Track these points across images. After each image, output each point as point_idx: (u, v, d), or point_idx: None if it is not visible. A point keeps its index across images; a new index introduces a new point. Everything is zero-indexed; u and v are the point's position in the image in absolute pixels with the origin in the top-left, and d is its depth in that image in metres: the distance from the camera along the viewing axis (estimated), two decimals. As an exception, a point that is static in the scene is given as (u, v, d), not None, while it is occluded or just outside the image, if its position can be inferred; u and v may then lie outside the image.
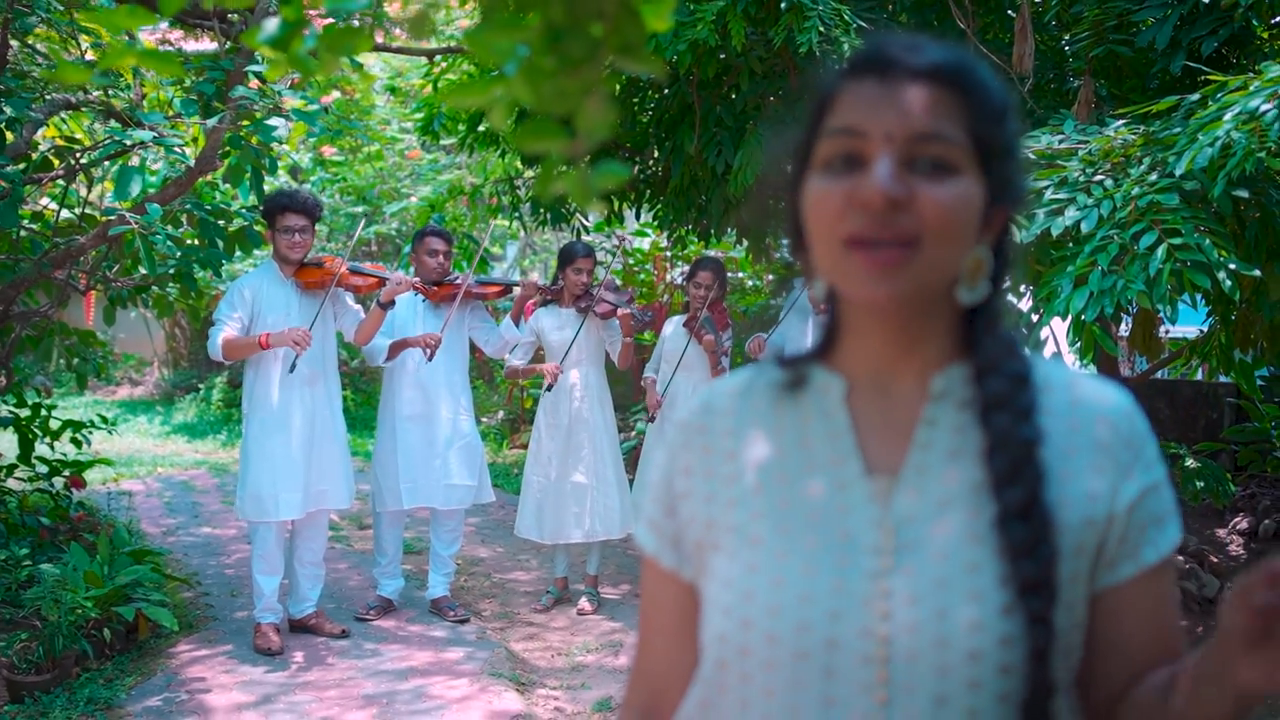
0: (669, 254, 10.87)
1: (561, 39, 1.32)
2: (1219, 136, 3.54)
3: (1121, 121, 4.36)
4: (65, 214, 6.27)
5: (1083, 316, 3.76)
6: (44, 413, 6.74)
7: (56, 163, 5.81)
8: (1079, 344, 3.96)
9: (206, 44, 6.66)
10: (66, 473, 6.74)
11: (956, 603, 1.10)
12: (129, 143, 5.15)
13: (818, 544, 1.17)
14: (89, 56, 5.32)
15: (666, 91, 7.05)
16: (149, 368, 16.01)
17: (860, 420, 1.23)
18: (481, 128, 8.10)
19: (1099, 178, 4.08)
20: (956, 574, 1.11)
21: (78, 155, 5.87)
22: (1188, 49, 4.72)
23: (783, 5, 5.48)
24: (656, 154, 7.48)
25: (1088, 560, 1.15)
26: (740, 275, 10.77)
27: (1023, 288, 4.44)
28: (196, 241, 5.97)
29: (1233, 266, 3.58)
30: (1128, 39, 4.95)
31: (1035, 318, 4.21)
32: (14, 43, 4.80)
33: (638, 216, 8.87)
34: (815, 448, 1.23)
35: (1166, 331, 7.37)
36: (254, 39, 1.42)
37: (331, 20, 1.43)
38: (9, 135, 4.97)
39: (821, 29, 5.37)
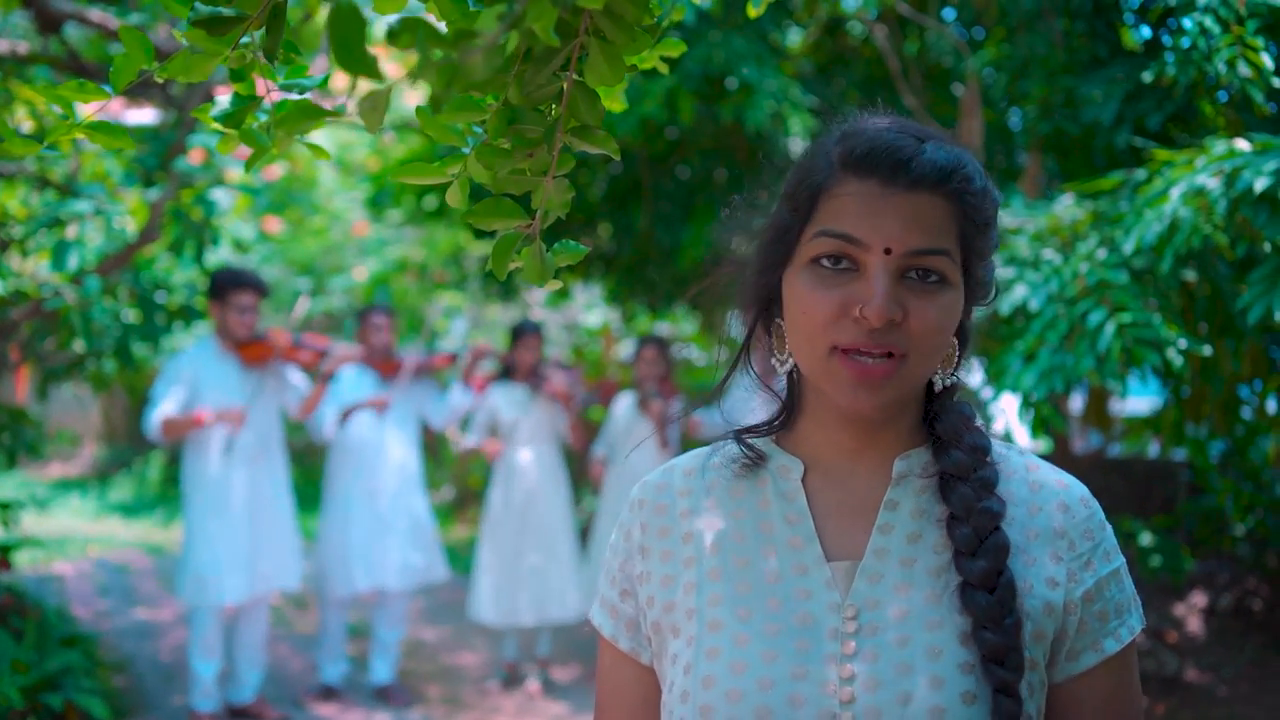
0: (618, 331, 10.84)
1: (517, 120, 1.27)
2: (1166, 213, 3.56)
3: (1069, 198, 4.39)
4: (-2, 286, 6.10)
5: (1032, 395, 3.75)
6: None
7: (-9, 234, 5.67)
8: (1030, 420, 3.94)
9: (149, 110, 6.57)
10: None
11: (919, 687, 1.10)
12: (64, 216, 5.03)
13: (778, 629, 1.16)
14: (25, 125, 5.21)
15: (615, 166, 7.05)
16: (83, 444, 15.63)
17: (819, 503, 1.23)
18: (430, 204, 8.03)
19: (1047, 254, 4.10)
20: (918, 659, 1.11)
21: (11, 227, 5.73)
22: (1133, 125, 4.77)
23: (729, 83, 5.51)
24: (606, 229, 7.46)
25: (1045, 648, 1.16)
26: (689, 351, 10.74)
27: (973, 363, 4.44)
28: (134, 315, 5.83)
29: (1183, 344, 3.59)
30: (1074, 115, 5.00)
31: (987, 394, 4.20)
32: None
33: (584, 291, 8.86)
34: (774, 531, 1.22)
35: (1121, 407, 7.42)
36: (206, 114, 1.36)
37: (285, 97, 1.37)
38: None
39: (773, 104, 5.41)
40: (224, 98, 1.40)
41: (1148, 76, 4.25)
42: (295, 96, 1.38)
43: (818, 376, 1.17)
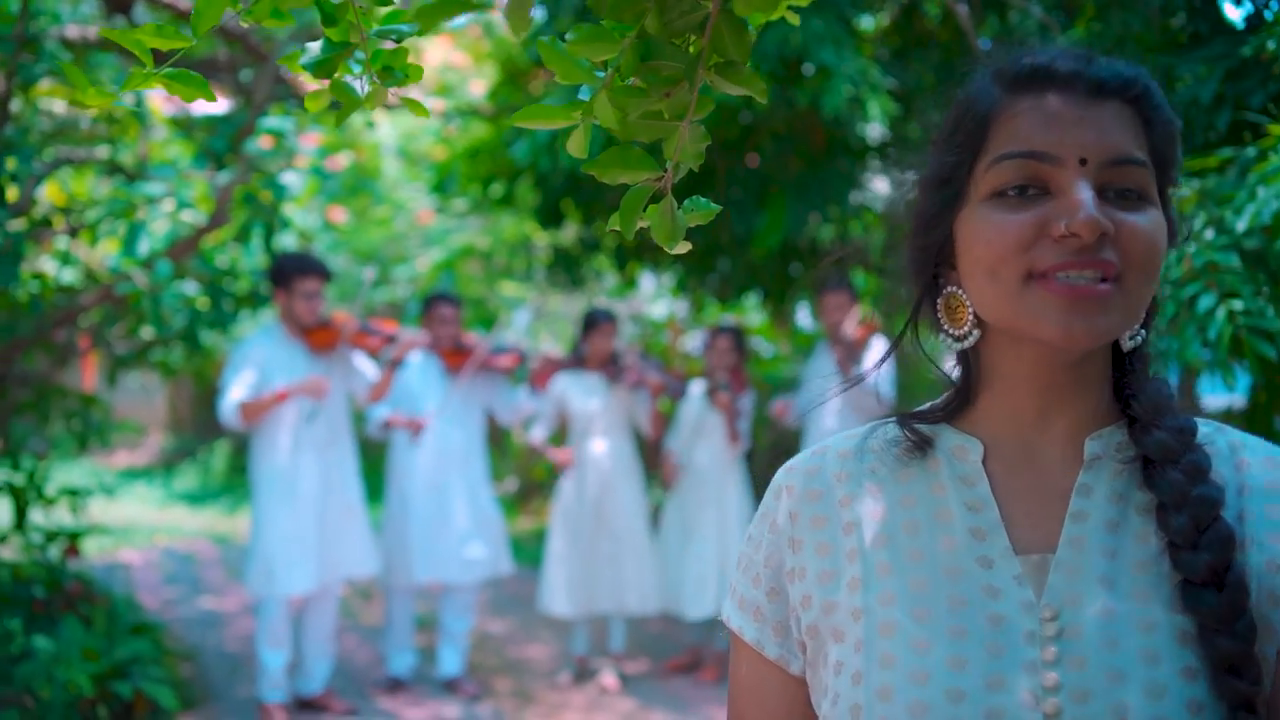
0: (684, 322, 10.71)
1: (653, 55, 1.14)
2: (1285, 192, 3.36)
3: (1173, 177, 4.20)
4: (67, 274, 6.09)
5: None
6: (36, 479, 6.49)
7: (59, 220, 5.65)
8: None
9: (220, 101, 6.54)
10: (62, 541, 6.48)
11: (1135, 698, 0.94)
12: (136, 199, 4.99)
13: (964, 632, 1.00)
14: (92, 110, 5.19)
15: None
16: (149, 433, 15.76)
17: (1002, 489, 1.07)
18: (495, 192, 7.89)
19: (1152, 236, 3.90)
20: (1132, 665, 0.96)
21: (81, 212, 5.71)
22: (1234, 104, 4.57)
23: (806, 67, 5.35)
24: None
25: (1276, 642, 0.98)
26: (758, 342, 10.57)
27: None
28: (201, 302, 5.79)
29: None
30: (1171, 95, 4.80)
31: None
32: (17, 95, 4.66)
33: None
34: (953, 520, 1.06)
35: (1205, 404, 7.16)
36: (295, 62, 1.23)
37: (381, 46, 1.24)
38: (12, 191, 4.79)
39: (850, 88, 5.24)
40: (314, 45, 1.27)
41: (1247, 50, 4.04)
42: (391, 46, 1.25)
43: (1012, 316, 1.01)
